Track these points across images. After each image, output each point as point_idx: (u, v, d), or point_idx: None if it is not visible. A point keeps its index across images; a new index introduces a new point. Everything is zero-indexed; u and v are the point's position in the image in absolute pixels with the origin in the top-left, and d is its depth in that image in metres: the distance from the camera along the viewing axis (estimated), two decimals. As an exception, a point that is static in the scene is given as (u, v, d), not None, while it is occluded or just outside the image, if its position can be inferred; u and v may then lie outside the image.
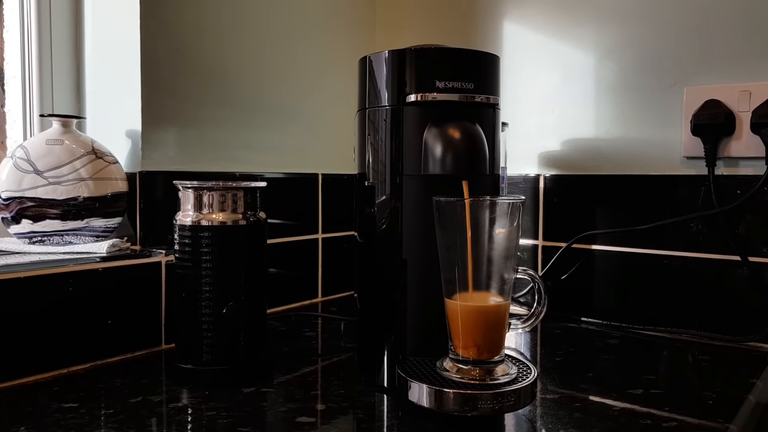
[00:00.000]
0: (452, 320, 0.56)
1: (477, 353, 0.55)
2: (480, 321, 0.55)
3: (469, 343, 0.55)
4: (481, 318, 0.55)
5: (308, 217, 1.01)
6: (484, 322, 0.55)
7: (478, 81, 0.59)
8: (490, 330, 0.55)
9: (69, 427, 0.52)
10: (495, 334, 0.55)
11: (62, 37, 0.89)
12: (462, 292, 0.55)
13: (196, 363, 0.63)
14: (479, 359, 0.54)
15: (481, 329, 0.55)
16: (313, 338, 0.82)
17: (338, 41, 1.08)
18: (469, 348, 0.55)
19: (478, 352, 0.55)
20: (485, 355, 0.55)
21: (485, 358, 0.55)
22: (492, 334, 0.55)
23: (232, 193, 0.63)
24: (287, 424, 0.53)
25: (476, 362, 0.54)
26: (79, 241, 0.75)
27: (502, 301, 0.56)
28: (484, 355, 0.55)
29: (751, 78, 0.80)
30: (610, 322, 0.89)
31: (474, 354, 0.55)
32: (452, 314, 0.55)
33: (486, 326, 0.55)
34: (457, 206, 0.54)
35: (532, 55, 0.98)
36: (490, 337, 0.55)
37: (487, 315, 0.55)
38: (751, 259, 0.79)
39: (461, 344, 0.55)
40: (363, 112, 0.63)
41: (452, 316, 0.56)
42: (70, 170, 0.74)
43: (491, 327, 0.55)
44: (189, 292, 0.63)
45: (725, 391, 0.63)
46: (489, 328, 0.55)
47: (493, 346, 0.55)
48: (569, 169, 0.95)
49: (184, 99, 0.84)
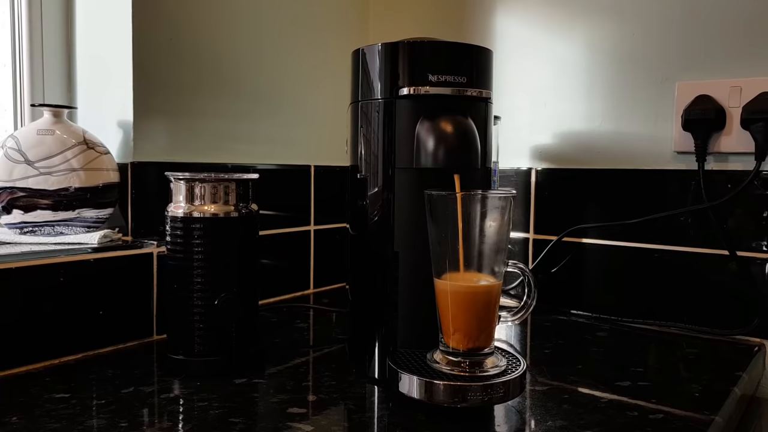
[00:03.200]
0: (441, 304, 0.55)
1: (466, 342, 0.55)
2: (469, 302, 0.55)
3: (458, 329, 0.55)
4: (470, 299, 0.55)
5: (301, 209, 1.01)
6: (473, 304, 0.55)
7: (470, 75, 0.60)
8: (480, 314, 0.55)
9: (60, 418, 0.52)
10: (485, 319, 0.55)
11: (53, 26, 0.88)
12: (452, 271, 0.55)
13: (188, 354, 0.63)
14: (469, 349, 0.55)
15: (471, 313, 0.55)
16: (304, 329, 0.83)
17: (332, 33, 1.07)
18: (458, 334, 0.55)
19: (468, 340, 0.55)
20: (475, 343, 0.55)
21: (475, 346, 0.55)
22: (482, 319, 0.55)
23: (224, 185, 0.63)
24: (278, 414, 0.54)
25: (466, 354, 0.55)
26: (71, 231, 0.75)
27: (494, 281, 0.55)
28: (473, 343, 0.55)
29: (742, 74, 0.80)
30: (599, 315, 0.90)
31: (463, 342, 0.55)
32: (441, 296, 0.55)
33: (476, 309, 0.55)
34: (449, 200, 0.55)
35: (526, 49, 0.98)
36: (480, 322, 0.55)
37: (476, 296, 0.55)
38: (739, 253, 0.80)
39: (451, 330, 0.55)
40: (356, 104, 0.63)
41: (441, 299, 0.55)
42: (61, 160, 0.74)
43: (481, 310, 0.55)
44: (181, 283, 0.63)
45: (712, 383, 0.63)
46: (479, 311, 0.55)
47: (483, 333, 0.55)
48: (561, 162, 0.95)
49: (177, 89, 0.84)
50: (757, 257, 0.79)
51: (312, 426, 0.52)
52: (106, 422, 0.51)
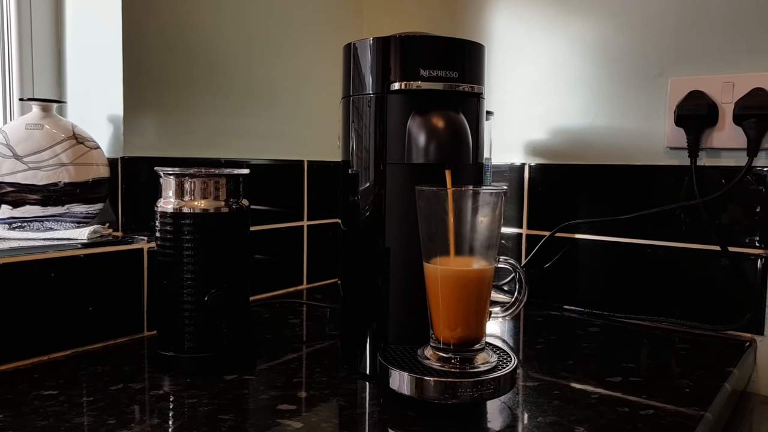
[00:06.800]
0: (431, 291, 0.55)
1: (457, 332, 0.54)
2: (460, 288, 0.54)
3: (449, 318, 0.54)
4: (461, 284, 0.54)
5: (294, 204, 1.01)
6: (464, 290, 0.54)
7: (462, 70, 0.59)
8: (471, 301, 0.54)
9: (48, 415, 0.51)
10: (476, 308, 0.54)
11: (43, 19, 0.87)
12: (443, 256, 0.55)
13: (178, 350, 0.62)
14: (460, 340, 0.54)
15: (462, 300, 0.54)
16: (297, 325, 0.82)
17: (326, 27, 1.07)
18: (449, 324, 0.54)
19: (459, 331, 0.54)
20: (466, 334, 0.54)
21: (466, 337, 0.54)
22: (473, 307, 0.54)
23: (215, 180, 0.63)
24: (268, 411, 0.53)
25: (457, 349, 0.55)
26: (60, 227, 0.75)
27: (486, 265, 0.55)
28: (464, 334, 0.54)
29: (735, 69, 0.80)
30: (591, 310, 0.90)
31: (454, 333, 0.54)
32: (431, 282, 0.55)
33: (467, 296, 0.54)
34: (440, 195, 0.54)
35: (519, 44, 0.98)
36: (472, 311, 0.54)
37: (468, 281, 0.54)
38: (731, 249, 0.80)
39: (441, 319, 0.54)
40: (347, 99, 0.63)
41: (431, 285, 0.55)
42: (50, 155, 0.73)
43: (473, 298, 0.54)
44: (171, 279, 0.62)
45: (702, 379, 0.63)
46: (470, 298, 0.54)
47: (474, 323, 0.54)
48: (554, 158, 0.95)
49: (168, 83, 0.83)
50: (749, 253, 0.79)
51: (302, 423, 0.51)
52: (94, 419, 0.51)
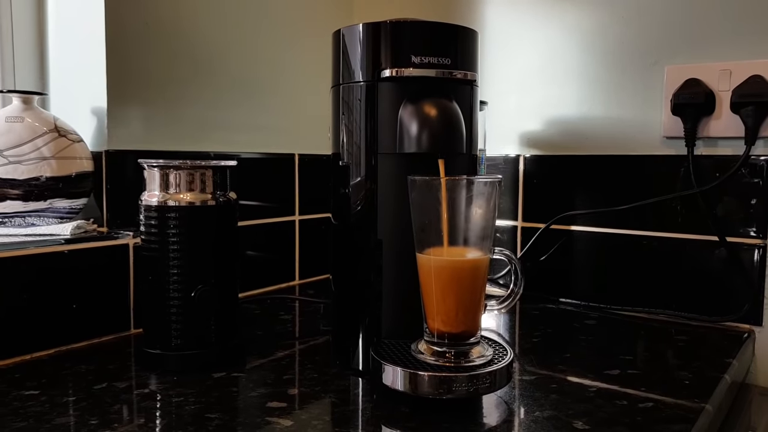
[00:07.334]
0: (425, 281, 0.53)
1: (452, 324, 0.52)
2: (454, 278, 0.52)
3: (443, 310, 0.52)
4: (456, 275, 0.53)
5: (285, 199, 0.99)
6: (458, 281, 0.52)
7: (455, 56, 0.58)
8: (465, 293, 0.53)
9: (28, 416, 0.50)
10: (471, 299, 0.53)
11: (24, 9, 0.85)
12: (436, 246, 0.53)
13: (165, 348, 0.61)
14: (455, 333, 0.53)
15: (456, 291, 0.52)
16: (289, 321, 0.81)
17: (315, 15, 1.05)
18: (443, 316, 0.52)
19: (453, 323, 0.52)
20: (461, 327, 0.53)
21: (460, 330, 0.53)
22: (468, 299, 0.53)
23: (200, 173, 0.61)
24: (257, 409, 0.52)
25: (451, 343, 0.53)
26: (42, 222, 0.72)
27: (481, 255, 0.53)
28: (459, 327, 0.53)
29: (732, 57, 0.79)
30: (588, 302, 0.89)
31: (448, 325, 0.52)
32: (425, 273, 0.53)
33: (461, 287, 0.52)
34: (433, 185, 0.53)
35: (513, 33, 0.96)
36: (466, 302, 0.53)
37: (462, 272, 0.53)
38: (728, 239, 0.79)
39: (435, 311, 0.53)
40: (337, 88, 0.61)
41: (425, 276, 0.53)
42: (31, 149, 0.71)
43: (467, 289, 0.53)
44: (156, 275, 0.60)
45: (701, 371, 0.62)
46: (465, 289, 0.53)
47: (469, 315, 0.53)
48: (549, 149, 0.93)
49: (153, 75, 0.81)
50: (747, 243, 0.78)
51: (292, 420, 0.50)
52: (75, 420, 0.49)
